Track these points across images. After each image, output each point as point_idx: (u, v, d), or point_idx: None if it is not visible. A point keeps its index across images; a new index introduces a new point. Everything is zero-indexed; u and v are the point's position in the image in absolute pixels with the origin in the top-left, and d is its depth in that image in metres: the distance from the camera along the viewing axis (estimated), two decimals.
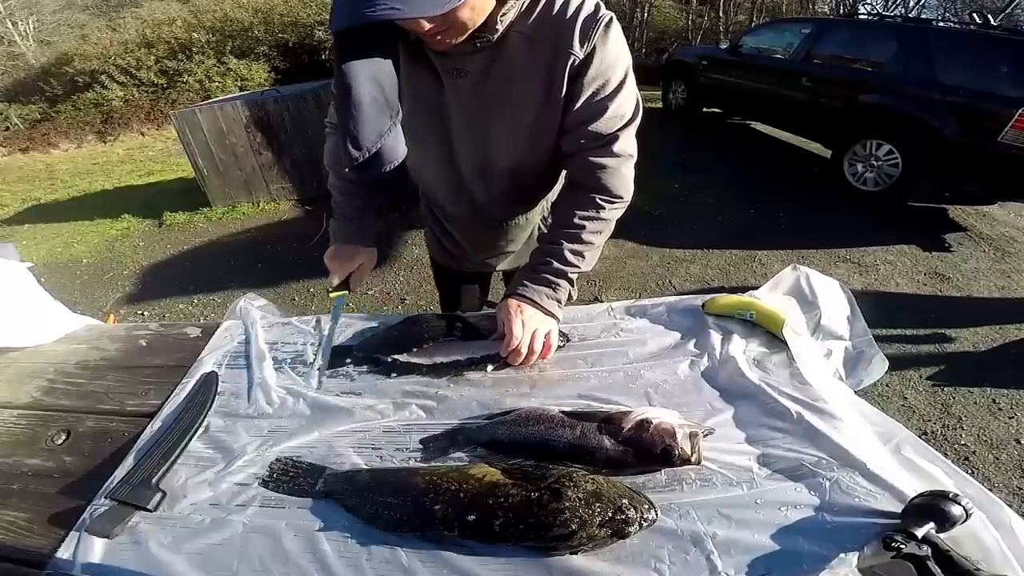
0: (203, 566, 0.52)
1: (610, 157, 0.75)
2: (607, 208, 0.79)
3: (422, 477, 0.57)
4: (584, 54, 0.68)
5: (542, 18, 0.69)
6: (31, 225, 4.63)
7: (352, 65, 0.63)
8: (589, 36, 0.68)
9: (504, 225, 0.98)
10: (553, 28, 0.68)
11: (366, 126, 0.65)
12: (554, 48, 0.69)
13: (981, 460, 1.73)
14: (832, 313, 0.81)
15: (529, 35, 0.69)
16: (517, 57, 0.70)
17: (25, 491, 0.65)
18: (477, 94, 0.74)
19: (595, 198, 0.78)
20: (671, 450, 0.56)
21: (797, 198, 3.84)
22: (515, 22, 0.68)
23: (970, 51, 3.28)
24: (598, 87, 0.71)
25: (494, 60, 0.71)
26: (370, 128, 0.65)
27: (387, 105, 0.66)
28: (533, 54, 0.70)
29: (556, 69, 0.70)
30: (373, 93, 0.64)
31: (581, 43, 0.68)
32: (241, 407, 0.73)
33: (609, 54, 0.70)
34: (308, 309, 2.85)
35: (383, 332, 0.85)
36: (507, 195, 0.89)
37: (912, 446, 0.59)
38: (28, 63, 9.84)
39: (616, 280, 2.92)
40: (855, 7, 10.08)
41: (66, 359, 0.91)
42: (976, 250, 3.12)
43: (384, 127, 0.66)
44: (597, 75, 0.70)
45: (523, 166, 0.84)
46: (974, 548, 0.47)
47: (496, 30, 0.66)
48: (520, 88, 0.73)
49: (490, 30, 0.66)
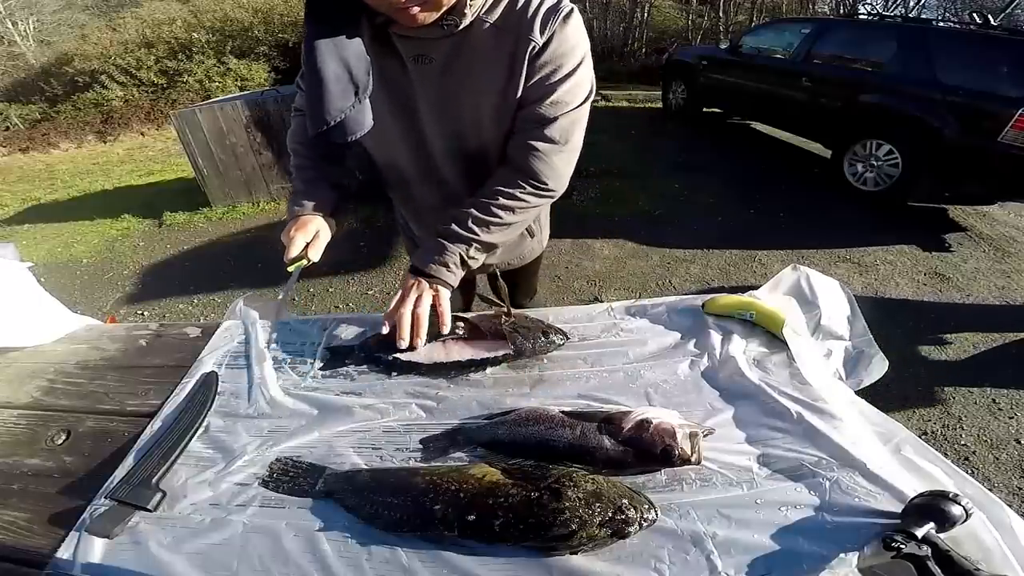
0: (203, 566, 0.52)
1: (546, 143, 0.76)
2: (528, 191, 0.79)
3: (422, 477, 0.57)
4: (543, 40, 0.71)
5: (508, 10, 0.71)
6: (31, 225, 4.63)
7: (319, 44, 0.67)
8: (549, 24, 0.70)
9: None
10: (517, 18, 0.71)
11: (329, 103, 0.68)
12: (516, 36, 0.71)
13: (981, 460, 1.73)
14: (832, 313, 0.81)
15: (494, 24, 0.71)
16: (482, 45, 0.72)
17: (25, 491, 0.65)
18: (443, 80, 0.75)
19: (518, 179, 0.79)
20: (671, 450, 0.56)
21: (797, 198, 3.85)
22: (481, 12, 0.70)
23: (970, 51, 3.28)
24: (550, 70, 0.73)
25: (460, 47, 0.72)
26: (333, 105, 0.69)
27: (351, 82, 0.69)
28: (498, 43, 0.72)
29: (517, 56, 0.72)
30: (337, 71, 0.68)
31: (541, 31, 0.70)
32: (241, 407, 0.73)
33: (566, 41, 0.72)
34: (308, 309, 2.85)
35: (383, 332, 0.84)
36: (475, 179, 0.88)
37: (912, 446, 0.59)
38: (28, 63, 9.84)
39: (616, 280, 2.92)
40: (855, 7, 10.08)
41: (66, 359, 0.91)
42: (976, 250, 3.12)
43: (346, 104, 0.69)
44: (551, 59, 0.72)
45: (491, 150, 0.84)
46: (974, 548, 0.47)
47: (464, 14, 0.68)
48: (485, 75, 0.74)
49: (458, 13, 0.68)
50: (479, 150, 0.83)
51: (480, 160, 0.85)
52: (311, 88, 0.69)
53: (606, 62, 10.30)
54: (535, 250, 1.17)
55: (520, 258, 1.14)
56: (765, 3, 10.69)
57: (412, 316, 0.75)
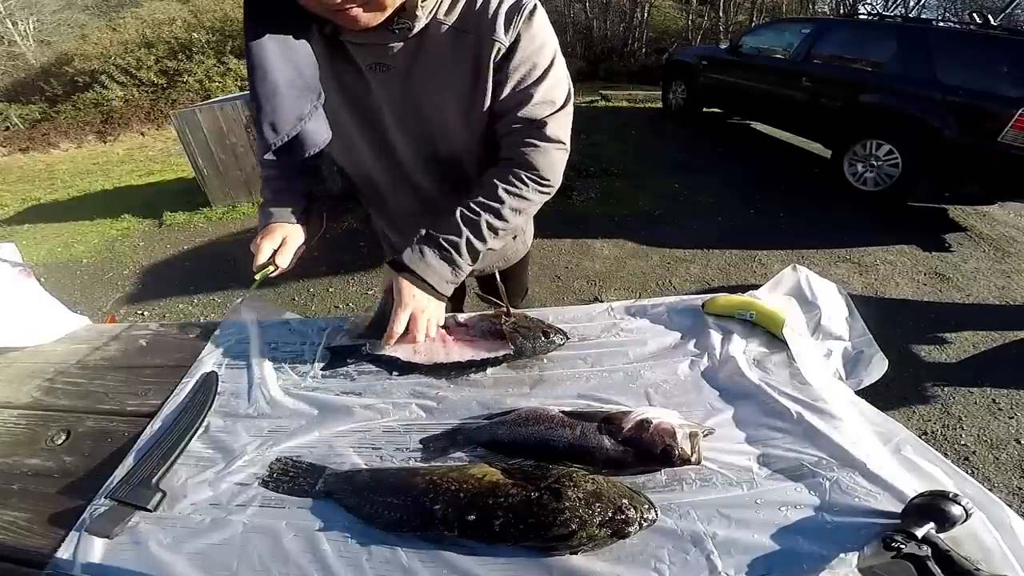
0: (203, 566, 0.52)
1: (544, 141, 0.75)
2: (531, 187, 0.77)
3: (422, 477, 0.57)
4: (509, 41, 0.68)
5: (466, 10, 0.68)
6: (31, 225, 4.63)
7: (265, 47, 0.61)
8: (513, 23, 0.67)
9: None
10: (477, 18, 0.68)
11: (284, 110, 0.64)
12: (479, 37, 0.68)
13: (981, 460, 1.73)
14: (832, 313, 0.81)
15: (454, 26, 0.68)
16: (442, 48, 0.69)
17: (25, 491, 0.65)
18: (405, 87, 0.72)
19: (522, 174, 0.76)
20: (671, 450, 0.56)
21: (797, 198, 3.85)
22: (438, 14, 0.67)
23: (970, 51, 3.28)
24: (525, 73, 0.71)
25: (417, 52, 0.69)
26: (288, 112, 0.64)
27: (305, 88, 0.65)
28: (459, 45, 0.69)
29: (481, 58, 0.69)
30: (289, 75, 0.63)
31: (505, 30, 0.67)
32: (241, 407, 0.73)
33: (534, 40, 0.69)
34: (308, 309, 2.85)
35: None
36: (453, 183, 0.87)
37: (912, 446, 0.59)
38: (28, 63, 9.84)
39: (616, 280, 2.92)
40: (855, 7, 10.08)
41: (66, 359, 0.91)
42: (976, 250, 3.12)
43: (304, 110, 0.65)
44: (523, 61, 0.70)
45: (463, 153, 0.82)
46: (974, 548, 0.47)
47: (416, 16, 0.64)
48: (447, 79, 0.71)
49: (409, 16, 0.64)
50: (450, 155, 0.81)
51: (453, 164, 0.83)
52: (265, 95, 0.63)
53: (606, 62, 10.30)
54: (520, 251, 1.15)
55: (505, 260, 1.13)
56: (765, 3, 10.69)
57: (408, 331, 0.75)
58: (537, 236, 1.23)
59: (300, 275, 3.13)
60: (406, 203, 0.91)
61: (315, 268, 3.17)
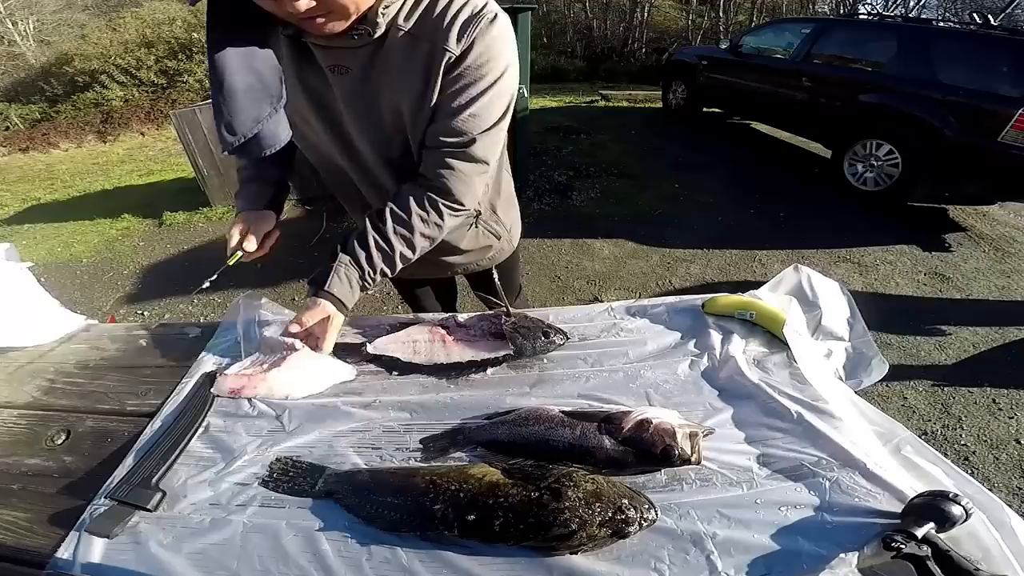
0: (203, 566, 0.52)
1: (465, 161, 0.74)
2: (446, 214, 0.77)
3: (422, 477, 0.57)
4: (460, 51, 0.68)
5: (424, 16, 0.68)
6: (31, 225, 4.63)
7: (224, 53, 0.63)
8: (467, 33, 0.67)
9: None
10: (433, 26, 0.68)
11: (241, 114, 0.65)
12: (432, 45, 0.68)
13: (981, 460, 1.73)
14: (833, 314, 0.81)
15: (410, 32, 0.68)
16: (397, 54, 0.69)
17: (25, 491, 0.65)
18: (360, 90, 0.73)
19: (438, 201, 0.76)
20: (671, 450, 0.56)
21: (797, 198, 3.85)
22: (397, 19, 0.67)
23: (970, 51, 3.28)
24: (467, 83, 0.70)
25: (375, 56, 0.70)
26: (246, 115, 0.66)
27: (265, 92, 0.66)
28: (413, 51, 0.69)
29: (433, 66, 0.69)
30: (248, 80, 0.64)
31: (458, 39, 0.67)
32: (241, 407, 0.73)
33: (487, 52, 0.69)
34: None
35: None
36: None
37: (912, 446, 0.59)
38: (28, 63, 9.83)
39: (616, 280, 2.92)
40: (855, 7, 10.08)
41: (66, 359, 0.91)
42: (976, 250, 3.12)
43: (262, 113, 0.66)
44: (468, 71, 0.69)
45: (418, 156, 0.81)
46: (974, 548, 0.47)
47: (377, 23, 0.65)
48: (400, 83, 0.72)
49: (370, 23, 0.65)
50: (406, 157, 0.81)
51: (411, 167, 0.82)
52: (223, 100, 0.65)
53: (606, 62, 10.30)
54: (505, 250, 1.14)
55: (490, 259, 1.12)
56: (765, 3, 10.69)
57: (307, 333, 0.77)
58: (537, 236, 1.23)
59: (301, 275, 3.13)
60: (374, 200, 0.92)
61: (315, 268, 3.17)
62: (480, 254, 1.08)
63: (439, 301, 1.37)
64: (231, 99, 0.64)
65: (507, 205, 1.06)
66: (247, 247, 0.86)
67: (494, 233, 1.06)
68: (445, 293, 1.40)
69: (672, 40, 10.22)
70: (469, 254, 1.06)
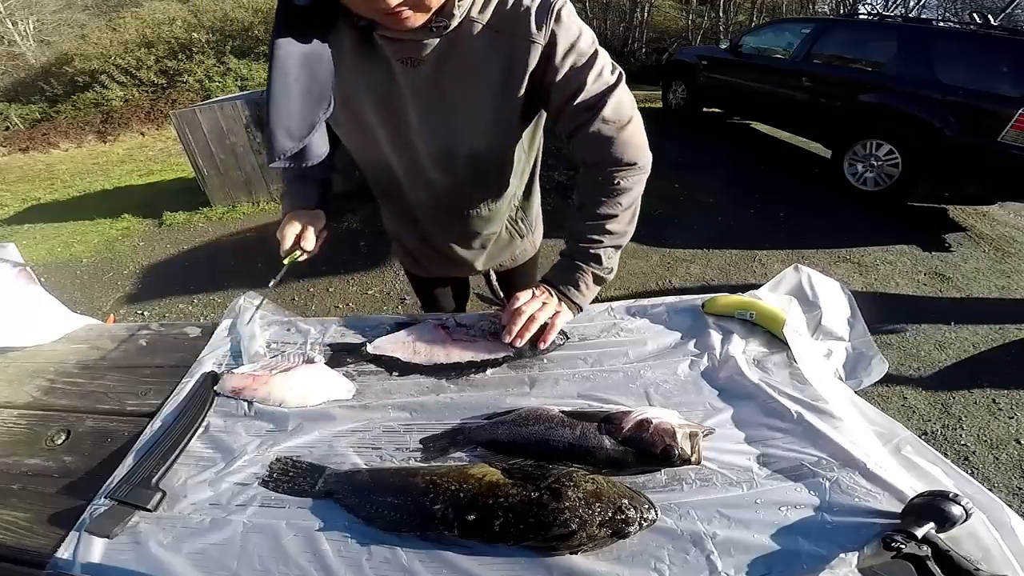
0: (203, 566, 0.52)
1: (606, 124, 0.74)
2: (620, 179, 0.77)
3: (422, 477, 0.56)
4: (545, 39, 0.69)
5: (498, 9, 0.69)
6: (31, 225, 4.63)
7: (291, 53, 0.63)
8: (546, 21, 0.68)
9: (467, 214, 0.97)
10: (510, 18, 0.69)
11: (300, 117, 0.65)
12: (512, 37, 0.69)
13: (981, 460, 1.73)
14: (833, 314, 0.81)
15: (487, 25, 0.69)
16: (474, 47, 0.70)
17: (25, 491, 0.65)
18: (434, 83, 0.73)
19: (606, 170, 0.77)
20: (671, 450, 0.56)
21: (797, 198, 3.85)
22: (471, 12, 0.68)
23: (970, 51, 3.28)
24: (572, 62, 0.71)
25: (449, 49, 0.70)
26: (303, 119, 0.66)
27: (320, 96, 0.66)
28: (491, 44, 0.70)
29: (516, 58, 0.70)
30: (307, 83, 0.65)
31: (538, 28, 0.68)
32: (241, 407, 0.73)
33: (571, 31, 0.70)
34: (308, 309, 2.85)
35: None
36: (466, 182, 0.88)
37: (912, 446, 0.59)
38: (28, 63, 9.83)
39: (616, 280, 2.92)
40: (855, 7, 10.08)
41: (66, 359, 0.91)
42: (976, 250, 3.12)
43: (316, 118, 0.67)
44: (567, 52, 0.70)
45: (481, 153, 0.83)
46: (974, 548, 0.47)
47: (453, 15, 0.66)
48: (478, 78, 0.72)
49: (447, 15, 0.66)
50: (468, 153, 0.82)
51: (469, 162, 0.84)
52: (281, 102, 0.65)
53: None
54: (528, 251, 1.16)
55: (512, 259, 1.14)
56: (765, 3, 10.69)
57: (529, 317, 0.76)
58: None
59: (300, 275, 3.13)
60: (418, 196, 0.93)
61: (315, 268, 3.18)
62: (503, 253, 1.09)
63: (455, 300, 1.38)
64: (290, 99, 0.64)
65: (533, 206, 1.08)
66: (306, 246, 0.86)
67: (518, 232, 1.07)
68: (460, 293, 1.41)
69: (672, 40, 10.22)
70: (492, 252, 1.07)
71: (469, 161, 0.83)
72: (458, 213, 0.96)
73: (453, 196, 0.91)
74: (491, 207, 0.96)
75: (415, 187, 0.91)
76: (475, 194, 0.93)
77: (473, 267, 1.09)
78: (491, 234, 1.02)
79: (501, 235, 1.04)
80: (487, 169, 0.88)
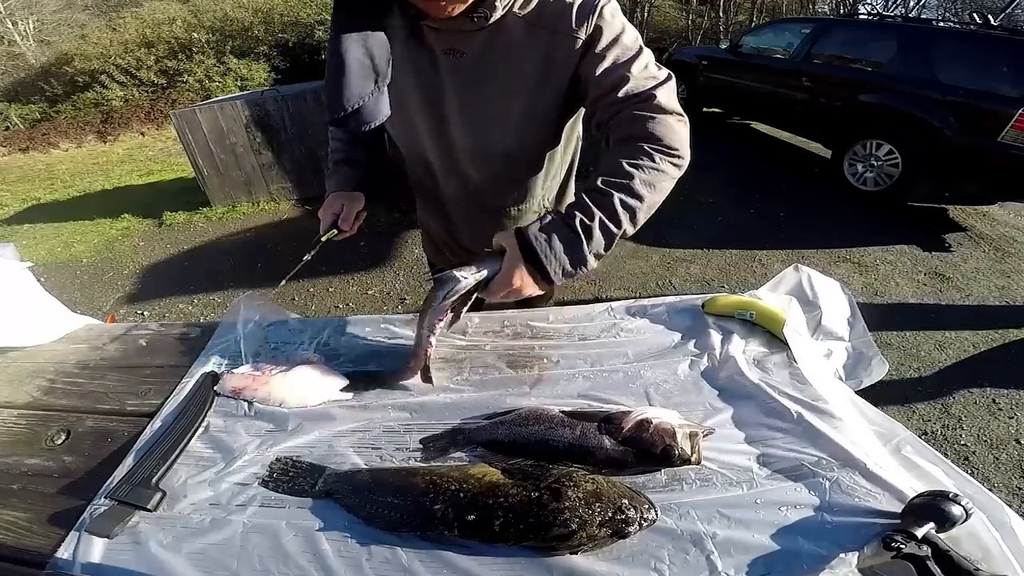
0: (203, 566, 0.52)
1: (655, 111, 0.67)
2: (659, 159, 0.66)
3: (422, 477, 0.57)
4: (587, 34, 0.70)
5: (541, 4, 0.70)
6: (31, 225, 4.63)
7: (346, 32, 0.67)
8: (588, 17, 0.69)
9: (497, 211, 0.97)
10: (552, 14, 0.70)
11: (348, 88, 0.68)
12: (552, 32, 0.70)
13: (981, 460, 1.73)
14: (833, 314, 0.81)
15: (527, 19, 0.70)
16: (515, 41, 0.71)
17: (25, 491, 0.65)
18: (474, 75, 0.75)
19: (645, 146, 0.66)
20: (671, 450, 0.56)
21: (797, 198, 3.84)
22: (513, 6, 0.69)
23: (970, 51, 3.28)
24: (616, 57, 0.69)
25: (492, 42, 0.72)
26: (352, 90, 0.69)
27: (372, 71, 0.69)
28: (531, 39, 0.71)
29: (555, 54, 0.71)
30: (360, 58, 0.68)
31: (580, 24, 0.69)
32: (241, 407, 0.73)
33: (614, 27, 0.70)
34: (308, 309, 2.85)
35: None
36: (499, 178, 0.89)
37: (912, 446, 0.59)
38: (28, 63, 9.83)
39: (616, 280, 2.92)
40: (855, 7, 10.07)
41: (66, 359, 0.91)
42: (976, 250, 3.12)
43: (366, 91, 0.69)
44: (610, 46, 0.70)
45: (515, 149, 0.84)
46: (974, 548, 0.47)
47: (495, 7, 0.67)
48: (516, 72, 0.73)
49: (488, 6, 0.67)
50: (504, 148, 0.83)
51: (504, 157, 0.85)
52: (332, 74, 0.69)
53: None
54: None
55: None
56: (765, 3, 10.68)
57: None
58: None
59: (300, 275, 3.13)
60: (453, 189, 0.95)
61: (315, 268, 3.17)
62: None
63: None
64: (342, 74, 0.68)
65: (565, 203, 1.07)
66: (343, 226, 0.94)
67: None
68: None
69: (672, 40, 10.21)
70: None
71: (502, 157, 0.84)
72: (489, 209, 0.97)
73: (485, 192, 0.92)
74: (521, 207, 0.98)
75: (449, 180, 0.92)
76: (506, 191, 0.94)
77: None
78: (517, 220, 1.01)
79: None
80: (519, 165, 0.89)
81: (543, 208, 1.01)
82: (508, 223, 0.99)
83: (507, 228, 0.97)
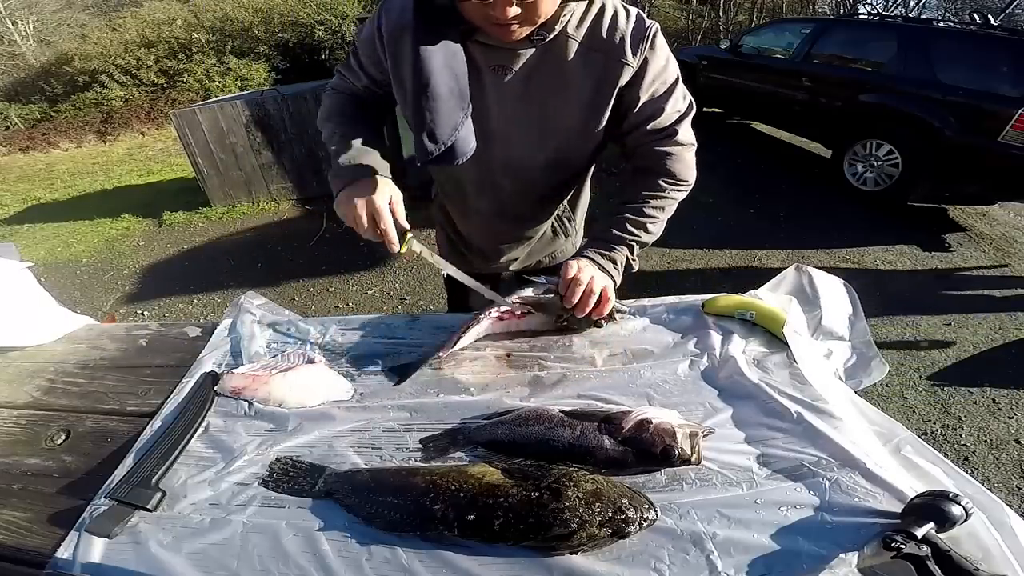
0: (203, 566, 0.52)
1: (673, 146, 0.79)
2: (669, 189, 0.82)
3: (422, 477, 0.56)
4: (638, 64, 0.72)
5: (594, 27, 0.71)
6: (31, 225, 4.63)
7: (430, 54, 0.63)
8: (640, 47, 0.71)
9: (523, 220, 0.98)
10: (606, 38, 0.71)
11: (442, 118, 0.65)
12: (607, 57, 0.71)
13: (981, 460, 1.73)
14: (833, 313, 0.81)
15: (581, 42, 0.71)
16: (567, 61, 0.72)
17: (25, 491, 0.65)
18: (521, 92, 0.74)
19: (659, 181, 0.81)
20: (671, 450, 0.56)
21: (797, 198, 3.84)
22: (567, 28, 0.70)
23: (970, 51, 3.28)
24: (655, 90, 0.75)
25: (542, 61, 0.72)
26: (446, 121, 0.66)
27: (461, 95, 0.67)
28: (584, 61, 0.72)
29: (607, 78, 0.73)
30: (449, 84, 0.65)
31: (634, 52, 0.71)
32: (241, 407, 0.73)
33: (660, 59, 0.74)
34: (308, 309, 2.85)
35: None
36: (532, 193, 0.90)
37: (912, 446, 0.59)
38: (28, 63, 9.83)
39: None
40: (855, 7, 10.07)
41: (66, 359, 0.91)
42: (976, 250, 3.12)
43: (458, 119, 0.67)
44: (654, 80, 0.74)
45: (553, 167, 0.85)
46: (974, 548, 0.47)
47: (553, 29, 0.68)
48: (569, 91, 0.74)
49: (548, 28, 0.67)
50: (541, 168, 0.84)
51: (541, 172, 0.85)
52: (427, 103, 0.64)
53: None
54: (568, 250, 1.15)
55: (552, 257, 1.14)
56: (765, 3, 10.68)
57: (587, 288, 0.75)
58: None
59: (299, 275, 3.13)
60: (484, 202, 0.94)
61: (315, 268, 3.18)
62: (544, 250, 1.10)
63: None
64: (434, 102, 0.64)
65: (582, 206, 1.09)
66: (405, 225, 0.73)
67: (564, 230, 1.07)
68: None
69: (672, 40, 10.21)
70: (535, 248, 1.07)
71: (539, 172, 0.85)
72: (515, 219, 0.97)
73: (515, 205, 0.92)
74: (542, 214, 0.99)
75: (481, 192, 0.92)
76: (535, 205, 0.95)
77: (511, 262, 1.10)
78: (536, 238, 1.04)
79: (546, 232, 1.05)
80: (553, 183, 0.90)
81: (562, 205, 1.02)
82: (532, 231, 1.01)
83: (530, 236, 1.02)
